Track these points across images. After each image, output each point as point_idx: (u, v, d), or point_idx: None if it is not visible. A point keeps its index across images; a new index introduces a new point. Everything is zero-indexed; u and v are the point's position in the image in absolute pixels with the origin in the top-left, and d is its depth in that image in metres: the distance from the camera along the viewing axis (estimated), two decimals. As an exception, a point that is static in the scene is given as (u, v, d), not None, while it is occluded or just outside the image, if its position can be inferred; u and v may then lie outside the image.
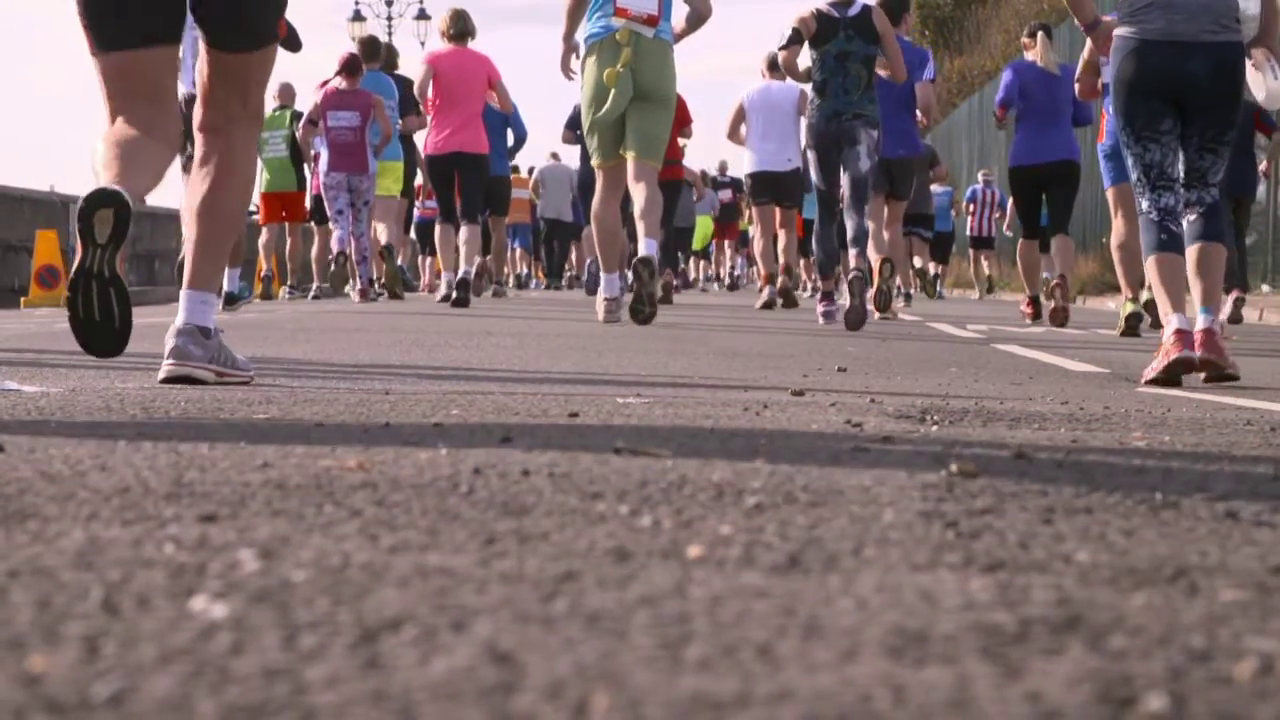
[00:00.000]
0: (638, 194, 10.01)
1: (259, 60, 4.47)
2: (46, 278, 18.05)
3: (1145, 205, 6.09)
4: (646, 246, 9.89)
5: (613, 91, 9.86)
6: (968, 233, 29.03)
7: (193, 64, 4.92)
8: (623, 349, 7.11)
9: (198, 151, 4.43)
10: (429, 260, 22.86)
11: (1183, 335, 5.77)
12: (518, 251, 31.63)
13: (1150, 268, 6.07)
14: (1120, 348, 9.08)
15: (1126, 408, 4.25)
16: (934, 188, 26.89)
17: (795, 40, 10.98)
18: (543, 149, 39.48)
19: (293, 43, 11.26)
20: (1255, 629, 1.45)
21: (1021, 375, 5.95)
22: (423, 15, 38.95)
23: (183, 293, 4.36)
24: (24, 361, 5.23)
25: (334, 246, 15.84)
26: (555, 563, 1.69)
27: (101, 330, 4.00)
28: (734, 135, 15.25)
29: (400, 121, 16.23)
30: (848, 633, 1.40)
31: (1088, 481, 2.45)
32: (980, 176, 28.65)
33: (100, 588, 1.51)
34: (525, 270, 31.73)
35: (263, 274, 17.15)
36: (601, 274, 10.37)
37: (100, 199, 3.93)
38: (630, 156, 10.00)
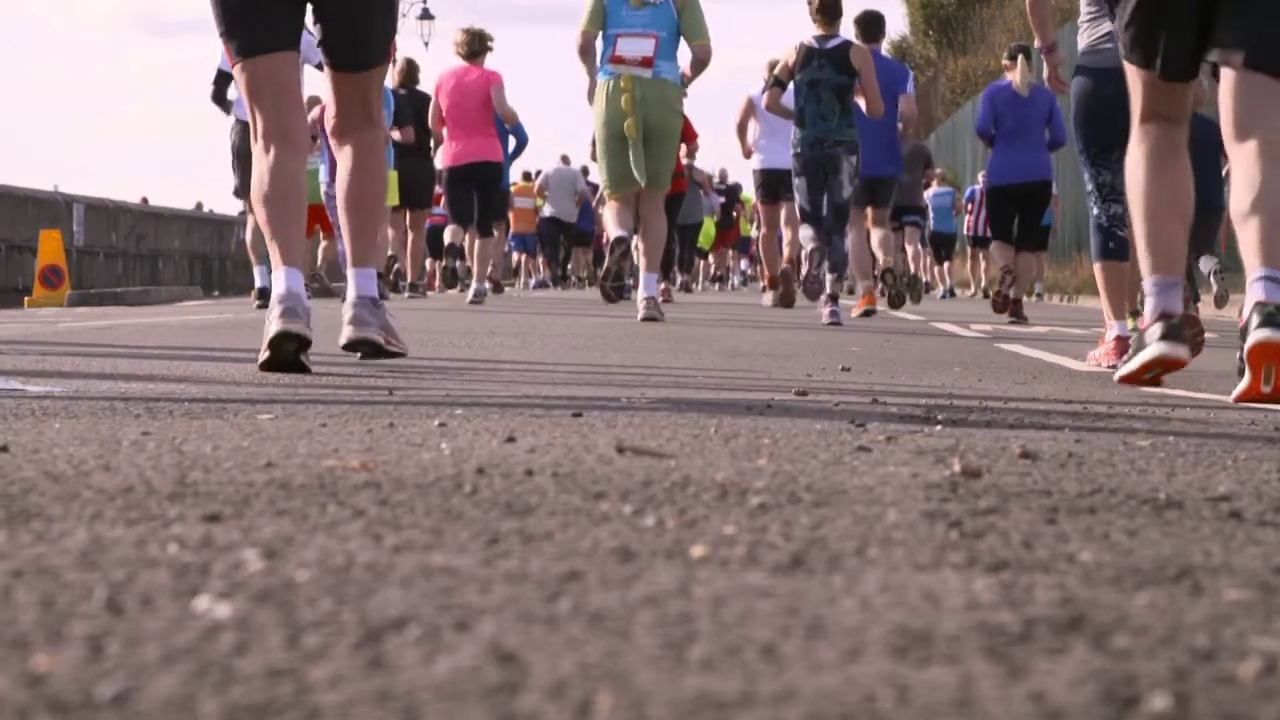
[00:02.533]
0: (645, 223, 11.04)
1: (377, 77, 5.23)
2: (50, 277, 18.06)
3: (1096, 212, 6.93)
4: (646, 284, 10.80)
5: (630, 145, 10.80)
6: (965, 232, 29.12)
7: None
8: (626, 348, 7.12)
9: (335, 144, 5.27)
10: (436, 264, 23.01)
11: (1122, 342, 6.65)
12: (524, 260, 31.82)
13: (1098, 272, 6.91)
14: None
15: (1130, 408, 4.25)
16: (937, 187, 27.20)
17: (775, 84, 11.82)
18: (552, 150, 39.88)
19: None
20: (1259, 629, 1.45)
21: (1025, 375, 5.95)
22: (426, 15, 38.94)
23: (350, 271, 5.19)
24: (28, 361, 5.23)
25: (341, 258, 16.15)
26: (559, 562, 1.69)
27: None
28: (742, 127, 15.59)
29: (399, 132, 16.35)
30: (851, 632, 1.40)
31: (1091, 481, 2.45)
32: (981, 178, 28.74)
33: (104, 587, 1.51)
34: (533, 275, 31.90)
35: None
36: (611, 230, 11.15)
37: (287, 338, 4.69)
38: (640, 187, 10.95)
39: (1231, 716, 1.17)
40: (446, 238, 16.49)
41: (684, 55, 11.07)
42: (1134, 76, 4.85)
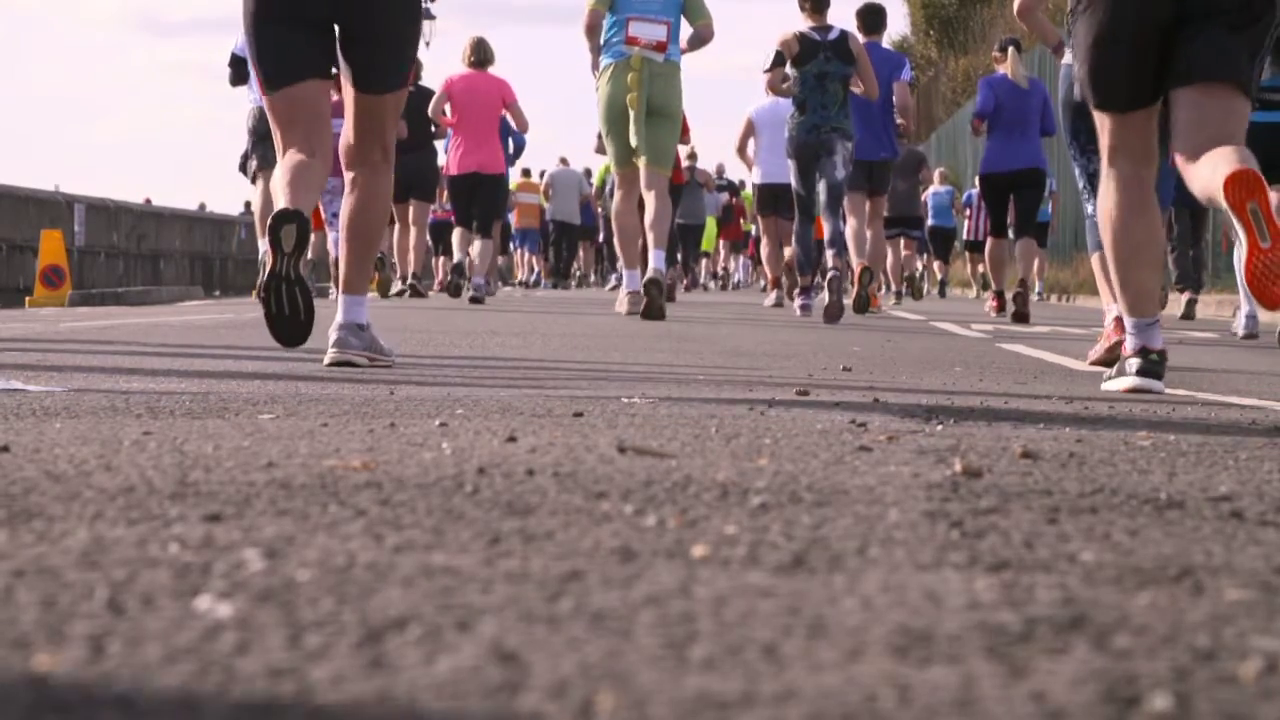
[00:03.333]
0: (649, 201, 11.26)
1: (392, 103, 5.47)
2: (51, 277, 18.05)
3: (1091, 210, 6.97)
4: (655, 258, 11.04)
5: (632, 116, 11.04)
6: (963, 235, 29.19)
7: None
8: (627, 348, 7.12)
9: (346, 185, 5.49)
10: (442, 260, 23.12)
11: (1122, 323, 6.51)
12: (528, 255, 31.99)
13: (1095, 263, 7.05)
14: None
15: (1131, 407, 4.25)
16: (936, 187, 27.45)
17: (779, 62, 12.15)
18: (552, 152, 40.19)
19: None
20: (1260, 628, 1.45)
21: (1026, 374, 5.95)
22: (428, 15, 38.91)
23: (340, 297, 5.43)
24: (29, 361, 5.23)
25: (330, 250, 16.22)
26: (560, 562, 1.69)
27: (290, 323, 4.92)
28: (742, 148, 15.99)
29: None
30: (852, 632, 1.40)
31: (1092, 481, 2.45)
32: (978, 181, 28.85)
33: (105, 587, 1.51)
34: (535, 271, 32.04)
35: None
36: (624, 270, 11.46)
37: (285, 217, 4.85)
38: (642, 164, 11.17)
39: (1233, 716, 1.17)
40: (455, 254, 17.06)
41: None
42: (1098, 118, 4.98)
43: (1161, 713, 1.17)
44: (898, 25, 54.36)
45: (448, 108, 15.41)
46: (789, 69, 12.12)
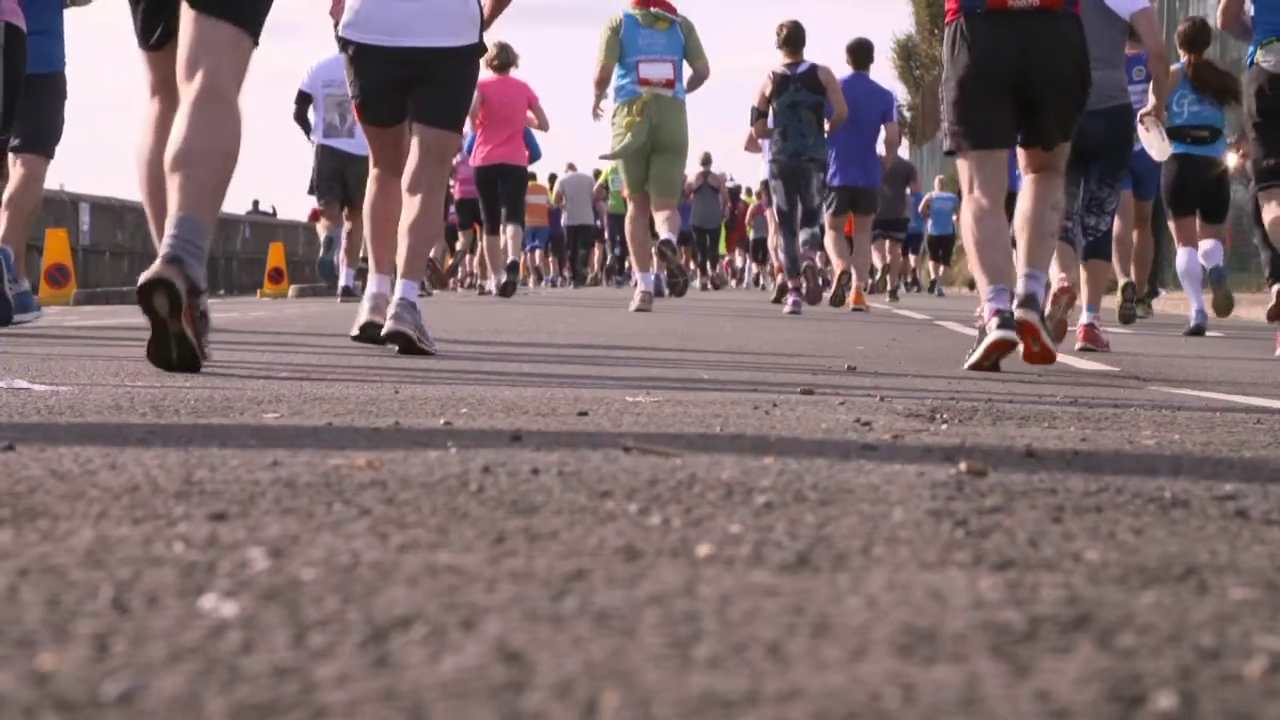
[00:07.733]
0: (658, 221, 12.95)
1: (452, 141, 6.77)
2: (56, 276, 18.08)
3: (1070, 224, 8.04)
4: (666, 233, 12.68)
5: (628, 135, 12.48)
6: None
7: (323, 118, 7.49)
8: (632, 346, 7.12)
9: (408, 186, 6.64)
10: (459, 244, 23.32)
11: (1090, 328, 8.66)
12: (537, 253, 32.31)
13: (1082, 268, 8.33)
14: (1128, 346, 9.09)
15: (1136, 406, 4.25)
16: (938, 191, 28.06)
17: (757, 117, 14.08)
18: (563, 153, 40.72)
19: None
20: (1265, 627, 1.45)
21: (1031, 373, 5.95)
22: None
23: (399, 281, 6.43)
24: (34, 360, 5.23)
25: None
26: (564, 561, 1.69)
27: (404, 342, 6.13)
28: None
29: None
30: (857, 631, 1.40)
31: (1097, 480, 2.45)
32: None
33: (110, 586, 1.51)
34: (547, 271, 32.34)
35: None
36: (637, 273, 13.02)
37: (371, 325, 6.43)
38: (653, 195, 12.74)
39: (1237, 715, 1.17)
40: (486, 256, 17.99)
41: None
42: (962, 166, 6.37)
43: (1166, 712, 1.17)
44: (903, 24, 54.44)
45: (479, 110, 16.31)
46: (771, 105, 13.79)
